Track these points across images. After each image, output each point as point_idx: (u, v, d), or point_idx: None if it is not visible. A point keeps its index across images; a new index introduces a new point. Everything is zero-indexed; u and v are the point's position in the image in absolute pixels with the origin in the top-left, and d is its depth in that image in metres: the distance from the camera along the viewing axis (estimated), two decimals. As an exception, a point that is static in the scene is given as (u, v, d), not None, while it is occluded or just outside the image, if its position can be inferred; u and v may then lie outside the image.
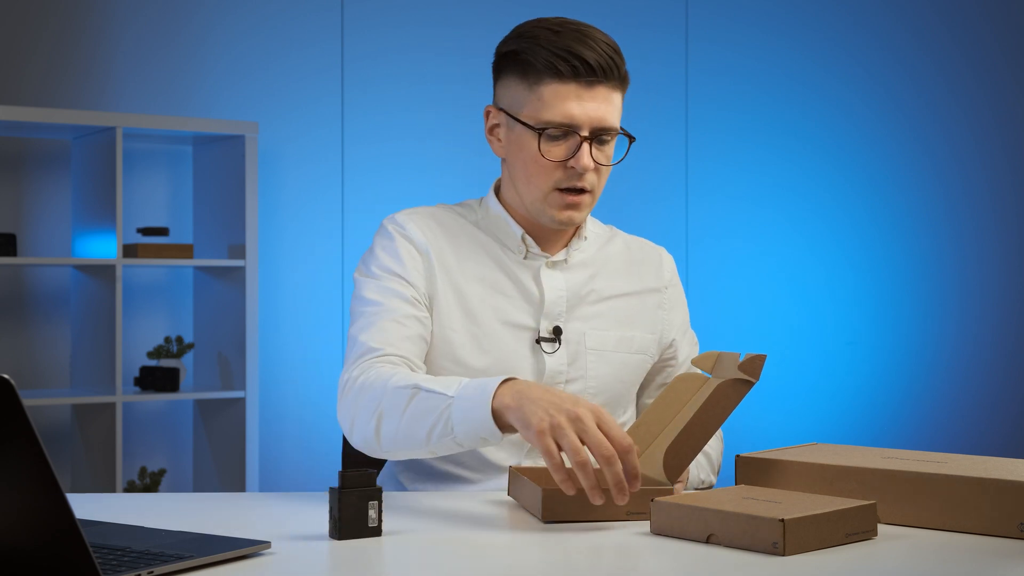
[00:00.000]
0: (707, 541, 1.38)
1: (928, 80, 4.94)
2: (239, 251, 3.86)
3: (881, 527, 1.47)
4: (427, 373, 1.84)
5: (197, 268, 4.03)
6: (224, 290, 3.94)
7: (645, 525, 1.49)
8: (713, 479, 1.93)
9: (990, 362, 4.97)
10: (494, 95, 1.88)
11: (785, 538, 1.31)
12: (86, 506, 1.58)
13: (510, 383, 1.56)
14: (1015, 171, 5.01)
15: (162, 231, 3.81)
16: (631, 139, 1.85)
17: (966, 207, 4.97)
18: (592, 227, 1.98)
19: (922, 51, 4.94)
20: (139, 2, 4.04)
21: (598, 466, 1.46)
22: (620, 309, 1.93)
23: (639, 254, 2.00)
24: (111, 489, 3.65)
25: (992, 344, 4.97)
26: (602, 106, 1.79)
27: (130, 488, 3.84)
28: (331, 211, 4.25)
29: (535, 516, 1.56)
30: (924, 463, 1.51)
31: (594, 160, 1.81)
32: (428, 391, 1.62)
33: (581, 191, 1.83)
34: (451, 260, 1.88)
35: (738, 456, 1.62)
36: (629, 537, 1.45)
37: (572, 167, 1.80)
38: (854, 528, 1.38)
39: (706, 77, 4.74)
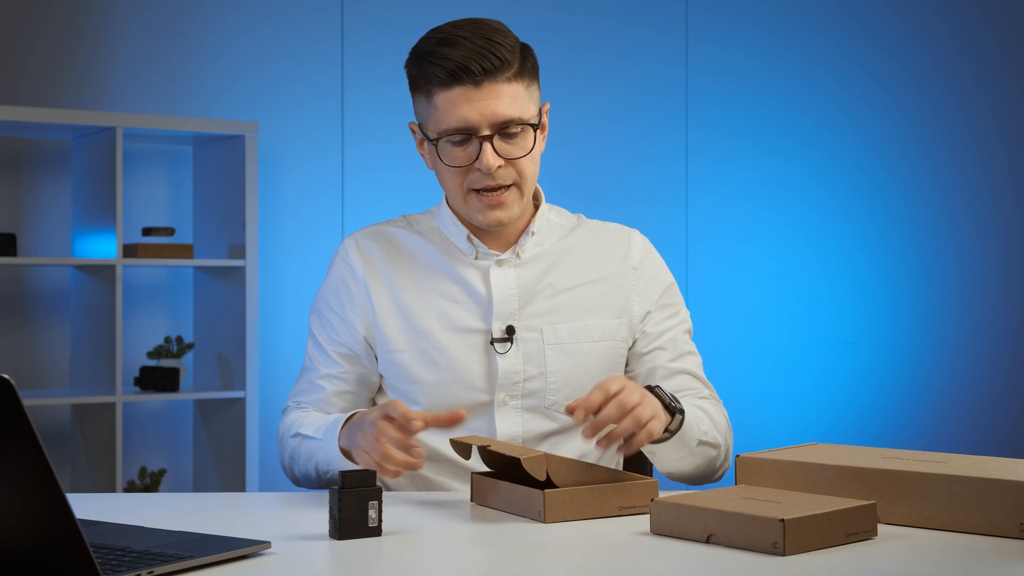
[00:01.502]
0: (707, 541, 1.38)
1: (928, 80, 4.94)
2: (239, 251, 3.86)
3: (881, 527, 1.46)
4: (390, 398, 1.92)
5: (197, 268, 4.03)
6: (224, 290, 3.94)
7: (645, 525, 1.49)
8: (719, 439, 1.82)
9: (990, 362, 4.97)
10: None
11: (785, 538, 1.31)
12: (86, 506, 1.58)
13: (347, 424, 1.73)
14: (1015, 171, 5.00)
15: (167, 231, 3.82)
16: (535, 128, 1.82)
17: (966, 207, 4.97)
18: (555, 218, 1.96)
19: (922, 51, 4.94)
20: (139, 2, 4.04)
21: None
22: (581, 299, 1.90)
23: (605, 239, 1.97)
24: (111, 489, 3.65)
25: (992, 344, 4.97)
26: (495, 101, 1.77)
27: (130, 488, 3.84)
28: (331, 211, 4.25)
29: (529, 518, 1.56)
30: (924, 463, 1.51)
31: (503, 156, 1.79)
32: (306, 437, 1.83)
33: (499, 188, 1.82)
34: (396, 279, 1.90)
35: (738, 456, 1.62)
36: (629, 537, 1.45)
37: (478, 169, 1.80)
38: (854, 528, 1.38)
39: (706, 77, 4.74)
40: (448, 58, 1.77)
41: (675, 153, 4.70)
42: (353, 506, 1.42)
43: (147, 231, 3.82)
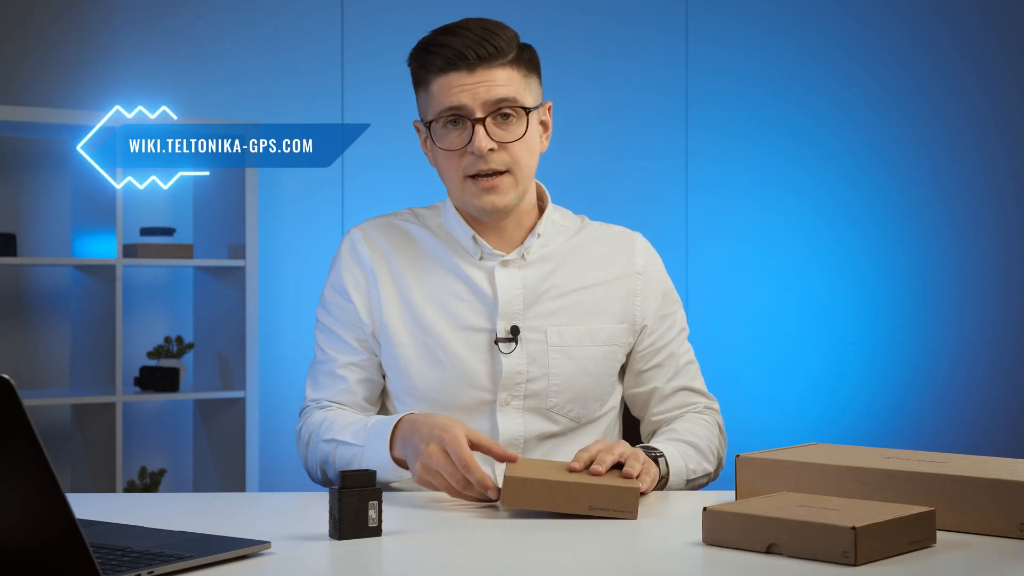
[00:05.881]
0: (767, 551, 1.32)
1: (928, 80, 4.94)
2: (239, 251, 3.86)
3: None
4: (392, 392, 1.92)
5: (197, 268, 4.03)
6: (224, 290, 3.94)
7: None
8: (709, 468, 1.88)
9: (990, 362, 4.96)
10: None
11: (857, 546, 1.26)
12: (86, 506, 1.58)
13: (399, 428, 1.71)
14: (1015, 171, 5.00)
15: (167, 231, 3.82)
16: (528, 112, 1.83)
17: (966, 207, 4.97)
18: (560, 220, 1.96)
19: (922, 51, 4.94)
20: (139, 2, 4.04)
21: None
22: (585, 302, 1.91)
23: (609, 243, 1.97)
24: (111, 489, 3.65)
25: (992, 344, 4.97)
26: (488, 84, 1.80)
27: (130, 488, 3.84)
28: (331, 211, 4.25)
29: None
30: (924, 463, 1.51)
31: (495, 139, 1.81)
32: (343, 443, 1.79)
33: (493, 174, 1.82)
34: (404, 272, 1.90)
35: (738, 456, 1.62)
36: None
37: (471, 152, 1.81)
38: (916, 536, 1.34)
39: (706, 77, 4.73)
40: (445, 45, 1.81)
41: (675, 153, 4.70)
42: (353, 506, 1.42)
43: (147, 231, 3.81)
